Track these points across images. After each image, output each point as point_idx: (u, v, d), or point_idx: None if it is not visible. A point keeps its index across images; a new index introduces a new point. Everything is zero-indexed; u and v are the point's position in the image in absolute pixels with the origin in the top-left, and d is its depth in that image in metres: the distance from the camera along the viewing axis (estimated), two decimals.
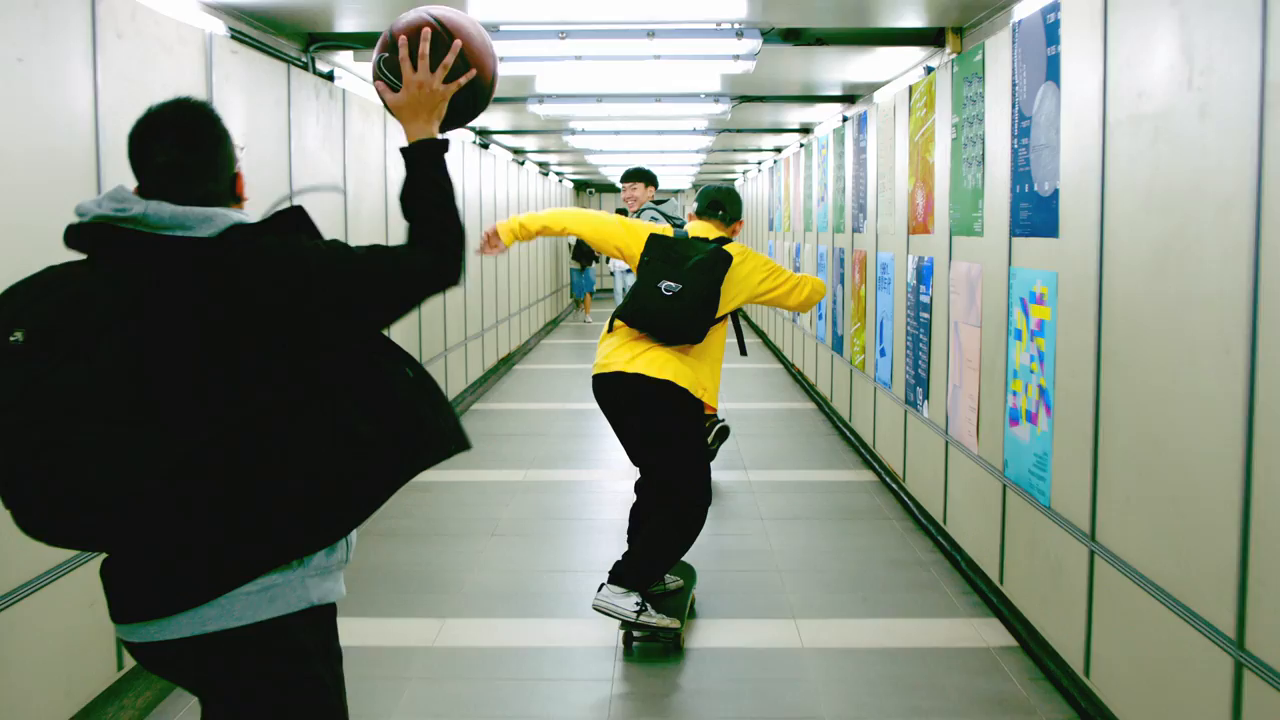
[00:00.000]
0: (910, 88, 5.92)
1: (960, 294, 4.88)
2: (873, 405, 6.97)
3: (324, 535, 1.88)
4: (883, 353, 6.63)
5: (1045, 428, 3.82)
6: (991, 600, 4.48)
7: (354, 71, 6.44)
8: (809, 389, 9.87)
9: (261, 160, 4.83)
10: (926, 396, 5.55)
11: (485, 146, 10.88)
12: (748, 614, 4.53)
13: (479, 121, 9.96)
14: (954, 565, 5.03)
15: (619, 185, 7.04)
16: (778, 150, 13.07)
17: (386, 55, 2.12)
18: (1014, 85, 4.16)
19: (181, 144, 1.90)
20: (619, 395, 4.13)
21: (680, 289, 3.98)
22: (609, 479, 6.86)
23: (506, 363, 11.97)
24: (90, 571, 3.36)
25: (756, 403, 9.68)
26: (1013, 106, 4.17)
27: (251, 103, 4.73)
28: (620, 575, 4.08)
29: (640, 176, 6.79)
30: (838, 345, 8.31)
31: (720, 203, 4.30)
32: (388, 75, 2.12)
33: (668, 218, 6.65)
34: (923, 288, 5.61)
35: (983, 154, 4.57)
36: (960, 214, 4.89)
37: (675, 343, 4.06)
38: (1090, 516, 3.44)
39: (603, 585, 4.10)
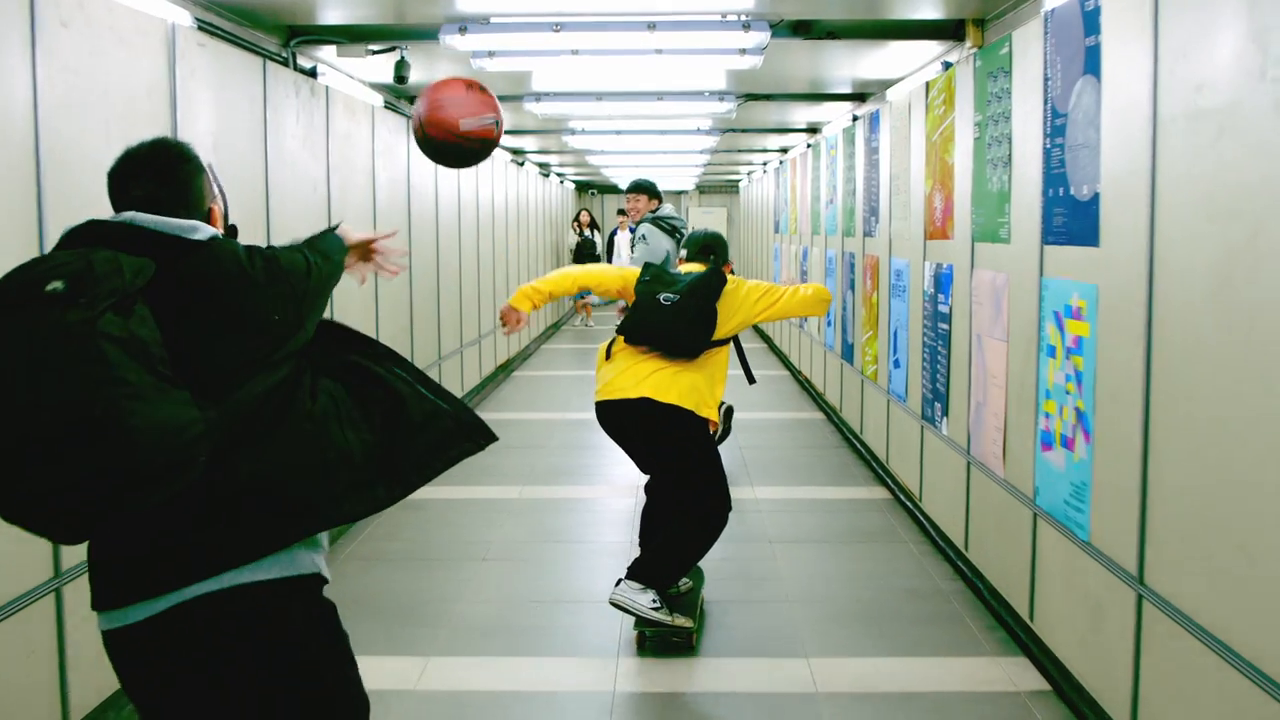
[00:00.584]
0: (927, 84, 5.58)
1: (984, 305, 4.55)
2: (886, 418, 6.63)
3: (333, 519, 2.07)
4: (897, 364, 6.29)
5: (1084, 455, 3.48)
6: (1020, 637, 4.14)
7: (339, 68, 6.11)
8: (817, 398, 9.52)
9: (234, 161, 4.50)
10: (945, 413, 5.21)
11: None
12: (757, 652, 4.19)
13: None
14: (977, 595, 4.69)
15: (620, 187, 7.14)
16: (783, 151, 12.73)
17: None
18: (1046, 80, 3.82)
19: (156, 179, 2.03)
20: (625, 420, 4.20)
21: (678, 299, 4.10)
22: (610, 496, 6.52)
23: (506, 369, 11.65)
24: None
25: (762, 412, 9.34)
26: (1045, 103, 3.83)
27: (222, 100, 4.40)
28: (638, 572, 4.13)
29: (642, 189, 6.92)
30: (848, 354, 7.97)
31: (711, 247, 4.46)
32: None
33: (665, 220, 6.82)
34: (941, 297, 5.27)
35: (1009, 155, 4.23)
36: (984, 219, 4.55)
37: (678, 354, 4.14)
38: (1138, 557, 3.10)
39: (620, 581, 4.14)
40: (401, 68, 5.54)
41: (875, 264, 6.92)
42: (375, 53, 5.54)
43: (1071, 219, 3.58)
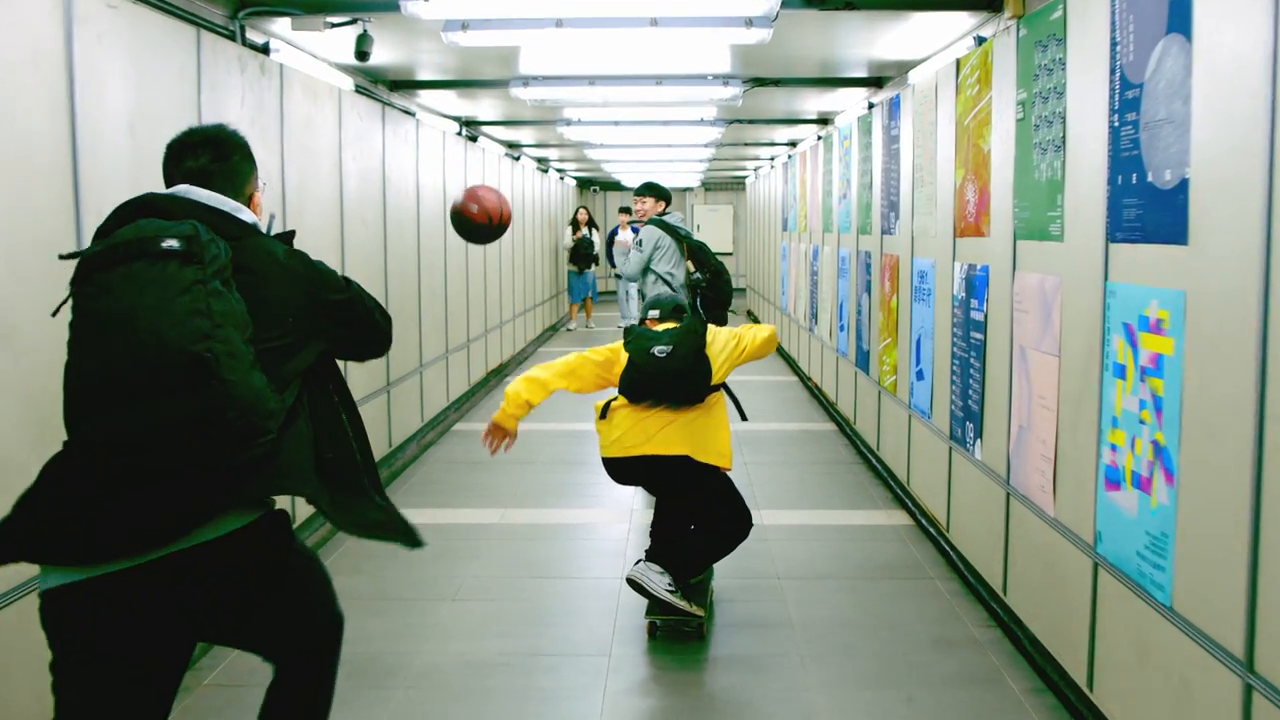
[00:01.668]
0: (958, 61, 4.94)
1: (1030, 313, 3.91)
2: (907, 435, 5.99)
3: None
4: (920, 375, 5.65)
5: (1165, 500, 2.84)
6: (1077, 709, 3.50)
7: (300, 45, 5.48)
8: (829, 407, 8.88)
9: (157, 147, 3.87)
10: (979, 435, 4.57)
11: (474, 139, 9.92)
12: None
13: (463, 110, 9.00)
14: (1017, 647, 4.06)
15: (623, 184, 7.22)
16: (792, 144, 12.07)
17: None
18: (1114, 44, 3.18)
19: (210, 155, 2.28)
20: (636, 473, 4.31)
21: (671, 349, 4.18)
22: (603, 522, 5.89)
23: (499, 373, 11.02)
24: None
25: (770, 422, 8.70)
26: (1112, 72, 3.19)
27: (141, 73, 3.77)
28: (659, 556, 4.24)
29: (651, 191, 7.16)
30: (863, 362, 7.33)
31: (682, 308, 4.63)
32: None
33: (671, 228, 7.01)
34: (974, 302, 4.63)
35: (1062, 137, 3.59)
36: (1030, 213, 3.92)
37: (683, 400, 4.21)
38: (1245, 637, 2.46)
39: (639, 561, 4.25)
40: (363, 42, 4.92)
41: (895, 264, 6.28)
42: (334, 25, 4.91)
43: (1148, 211, 2.94)
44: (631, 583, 4.18)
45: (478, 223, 4.05)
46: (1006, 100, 4.20)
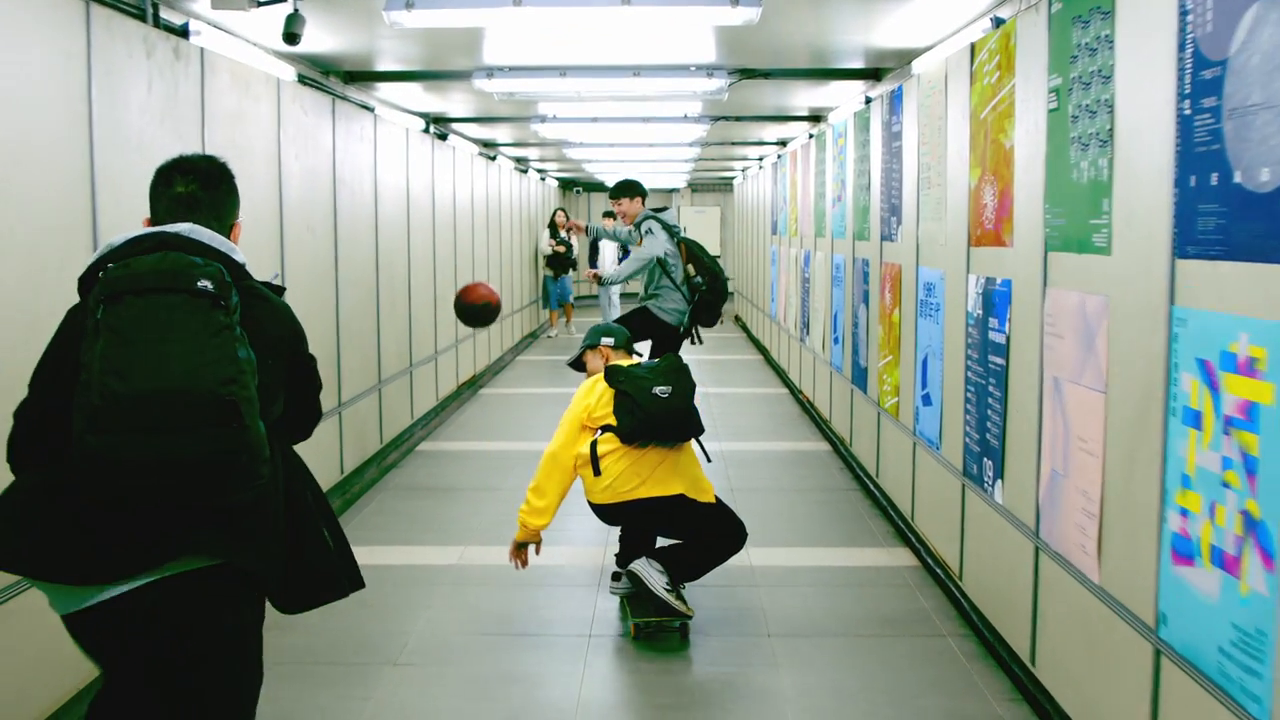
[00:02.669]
0: (972, 46, 4.35)
1: (1066, 338, 3.31)
2: (911, 465, 5.39)
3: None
4: (927, 400, 5.05)
5: (1262, 588, 2.24)
6: None
7: (226, 28, 4.85)
8: (822, 425, 8.27)
9: (28, 140, 3.25)
10: (1000, 474, 3.97)
11: (443, 137, 9.29)
12: None
13: (431, 105, 8.37)
14: None
15: (608, 185, 7.38)
16: (782, 144, 11.48)
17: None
18: (1184, 14, 2.58)
19: (199, 182, 2.37)
20: (628, 515, 4.30)
21: (671, 389, 4.20)
22: (572, 561, 5.27)
23: (472, 384, 10.39)
24: None
25: (758, 441, 8.09)
26: (1181, 48, 2.59)
27: (6, 48, 3.15)
28: (658, 556, 4.30)
29: (630, 190, 7.14)
30: (860, 379, 6.72)
31: (633, 339, 4.80)
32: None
33: (667, 225, 7.01)
34: (993, 321, 4.04)
35: (1110, 129, 2.99)
36: (1066, 220, 3.32)
37: (686, 439, 4.29)
38: None
39: (640, 559, 4.29)
40: (292, 23, 4.29)
41: (896, 274, 5.68)
42: (263, 4, 4.28)
43: (1235, 220, 2.34)
44: (632, 575, 4.26)
45: (476, 305, 5.27)
46: (1035, 88, 3.61)
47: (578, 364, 4.81)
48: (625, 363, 4.48)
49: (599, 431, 4.22)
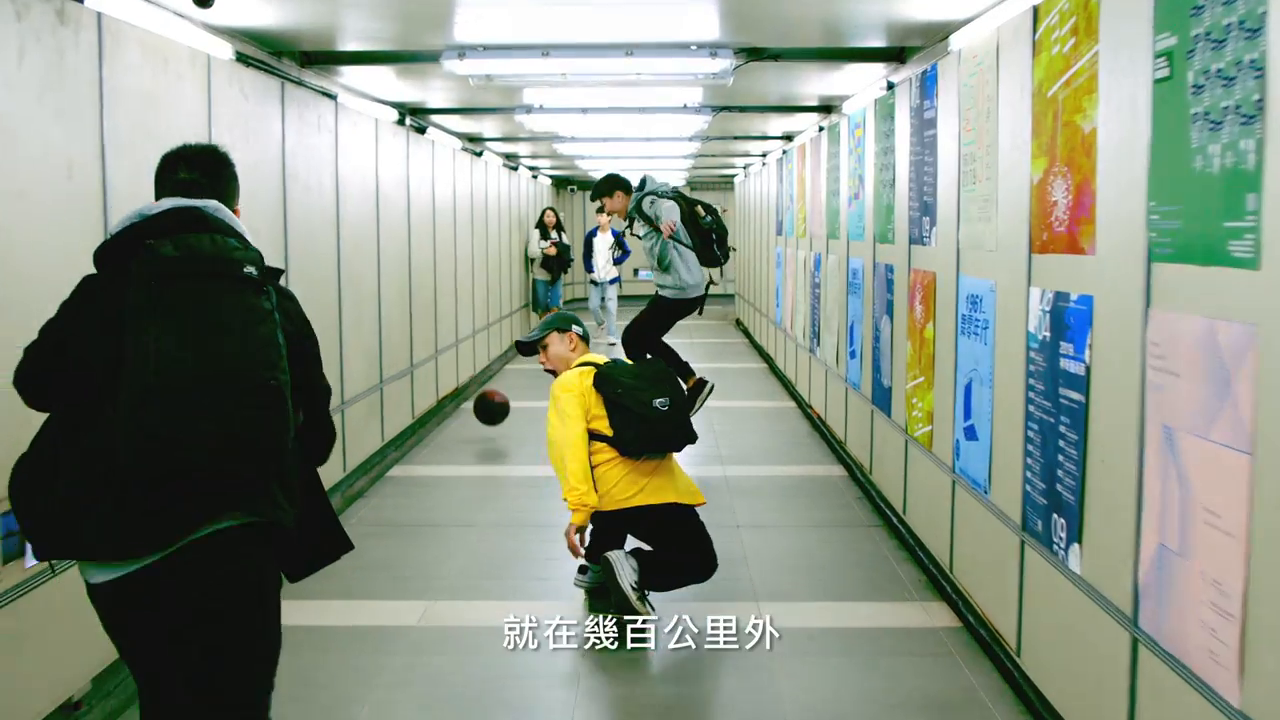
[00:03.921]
0: (1035, 9, 3.57)
1: (1184, 377, 2.54)
2: (949, 507, 4.62)
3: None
4: (971, 433, 4.28)
5: None
6: None
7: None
8: (836, 446, 7.49)
9: None
10: (1076, 537, 3.20)
11: (421, 130, 8.50)
12: None
13: (407, 94, 7.58)
14: None
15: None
16: (788, 138, 10.69)
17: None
18: None
19: (201, 169, 2.49)
20: (619, 524, 4.30)
21: (670, 401, 4.26)
22: (553, 622, 4.48)
23: (455, 397, 9.62)
24: None
25: (766, 465, 7.32)
26: None
27: None
28: (636, 556, 4.22)
29: (616, 184, 6.95)
30: (882, 400, 5.95)
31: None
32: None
33: (661, 193, 6.92)
34: (1067, 346, 3.27)
35: (1259, 99, 2.22)
36: (1184, 221, 2.55)
37: (682, 448, 4.38)
38: None
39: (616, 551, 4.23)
40: None
41: (929, 283, 4.91)
42: None
43: None
44: (604, 563, 4.19)
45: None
46: (1132, 53, 2.83)
47: (533, 348, 4.62)
48: (598, 361, 4.43)
49: (590, 440, 4.26)
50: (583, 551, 4.18)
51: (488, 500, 6.43)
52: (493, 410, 7.08)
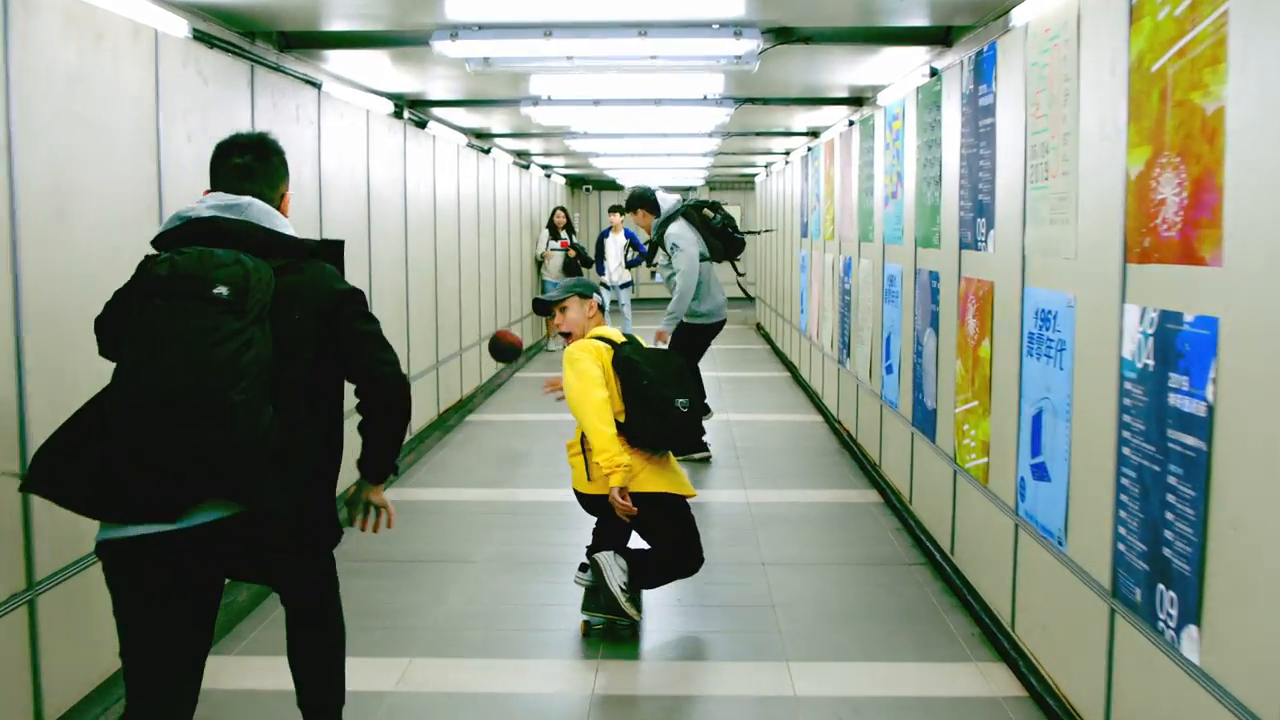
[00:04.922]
0: None
1: None
2: (1011, 556, 3.99)
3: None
4: (1040, 473, 3.65)
5: None
6: None
7: None
8: (870, 468, 6.86)
9: None
10: (1193, 618, 2.57)
11: (421, 125, 7.92)
12: None
13: (406, 85, 6.99)
14: None
15: (618, 182, 6.73)
16: (813, 134, 10.06)
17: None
18: None
19: (254, 154, 2.73)
20: (609, 507, 4.17)
21: (689, 403, 4.17)
22: (550, 689, 3.89)
23: (460, 409, 9.03)
24: None
25: (794, 489, 6.69)
26: None
27: None
28: (627, 556, 4.24)
29: (643, 202, 7.53)
30: (925, 423, 5.31)
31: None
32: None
33: (674, 218, 7.40)
34: (1178, 378, 2.64)
35: None
36: None
37: (689, 453, 4.93)
38: None
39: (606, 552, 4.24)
40: None
41: (986, 294, 4.28)
42: None
43: None
44: (593, 564, 4.21)
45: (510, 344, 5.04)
46: (1277, 9, 2.21)
47: (550, 308, 4.48)
48: (614, 338, 4.34)
49: None
50: (635, 511, 4.05)
51: (489, 530, 5.84)
52: (503, 350, 6.70)
